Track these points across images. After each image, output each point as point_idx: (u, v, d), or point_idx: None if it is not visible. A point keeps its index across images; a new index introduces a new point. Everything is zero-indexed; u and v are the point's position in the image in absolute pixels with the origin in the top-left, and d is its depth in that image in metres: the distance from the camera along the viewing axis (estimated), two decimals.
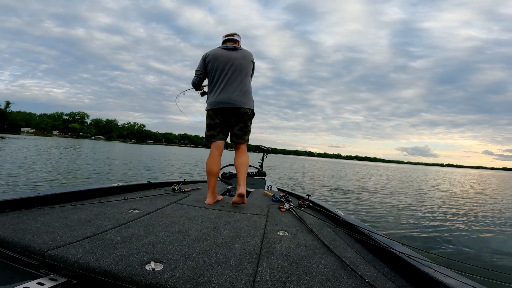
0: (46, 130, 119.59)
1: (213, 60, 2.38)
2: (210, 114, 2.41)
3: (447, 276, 1.04)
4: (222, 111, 2.36)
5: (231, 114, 2.37)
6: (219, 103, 2.34)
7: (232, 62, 2.37)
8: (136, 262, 1.08)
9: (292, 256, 1.30)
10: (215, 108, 2.36)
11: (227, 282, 1.00)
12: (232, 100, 2.33)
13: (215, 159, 2.41)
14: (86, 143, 50.30)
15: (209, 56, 2.41)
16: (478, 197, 10.75)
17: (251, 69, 2.50)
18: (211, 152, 2.43)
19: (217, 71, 2.37)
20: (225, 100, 2.33)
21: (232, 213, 2.06)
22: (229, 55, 2.39)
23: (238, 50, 2.45)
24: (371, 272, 1.21)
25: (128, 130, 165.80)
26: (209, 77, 2.44)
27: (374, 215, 5.58)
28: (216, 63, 2.37)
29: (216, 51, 2.42)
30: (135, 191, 2.53)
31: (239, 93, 2.36)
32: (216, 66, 2.37)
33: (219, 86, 2.36)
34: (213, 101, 2.37)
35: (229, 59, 2.38)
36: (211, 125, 2.42)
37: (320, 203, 2.50)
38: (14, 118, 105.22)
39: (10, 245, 1.16)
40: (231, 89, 2.35)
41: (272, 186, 3.68)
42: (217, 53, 2.40)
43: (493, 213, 6.91)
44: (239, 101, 2.35)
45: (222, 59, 2.37)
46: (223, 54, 2.39)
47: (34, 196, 1.71)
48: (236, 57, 2.40)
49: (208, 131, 2.44)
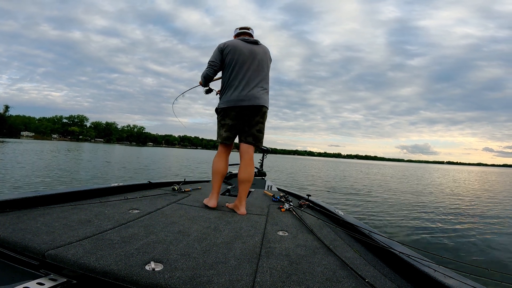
0: (46, 134, 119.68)
1: (233, 52, 2.12)
2: (231, 113, 2.13)
3: (447, 276, 1.04)
4: (243, 110, 2.11)
5: (251, 112, 2.13)
6: (242, 100, 2.09)
7: (254, 57, 2.16)
8: (136, 262, 1.08)
9: (292, 256, 1.30)
10: (237, 106, 2.10)
11: (227, 282, 1.00)
12: (256, 97, 2.12)
13: (225, 159, 2.24)
14: (85, 146, 50.14)
15: (229, 47, 2.14)
16: (479, 196, 10.73)
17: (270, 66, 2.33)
18: (220, 152, 2.24)
19: (238, 65, 2.12)
20: (249, 97, 2.10)
21: (232, 213, 2.06)
22: (251, 48, 2.17)
23: (259, 45, 2.25)
24: (371, 272, 1.20)
25: (127, 132, 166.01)
26: (227, 71, 2.16)
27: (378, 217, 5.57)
28: (237, 56, 2.12)
29: (237, 42, 2.17)
30: (135, 191, 2.53)
31: (261, 90, 2.16)
32: (238, 59, 2.12)
33: (240, 82, 2.11)
34: (234, 99, 2.10)
35: (252, 53, 2.16)
36: (230, 126, 2.15)
37: (320, 203, 2.50)
38: (14, 122, 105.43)
39: (10, 245, 1.16)
40: (254, 85, 2.13)
41: (272, 186, 3.68)
42: (238, 45, 2.15)
43: (493, 213, 6.90)
44: (262, 99, 2.15)
45: (244, 52, 2.13)
46: (245, 47, 2.16)
47: (34, 196, 1.71)
48: (259, 52, 2.20)
49: (226, 132, 2.16)
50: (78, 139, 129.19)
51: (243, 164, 2.18)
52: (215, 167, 2.23)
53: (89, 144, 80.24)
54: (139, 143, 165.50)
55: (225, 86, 2.18)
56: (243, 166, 2.17)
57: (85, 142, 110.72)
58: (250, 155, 2.20)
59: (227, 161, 2.28)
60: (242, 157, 2.19)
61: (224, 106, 2.14)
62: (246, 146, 2.18)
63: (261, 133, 2.20)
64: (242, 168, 2.17)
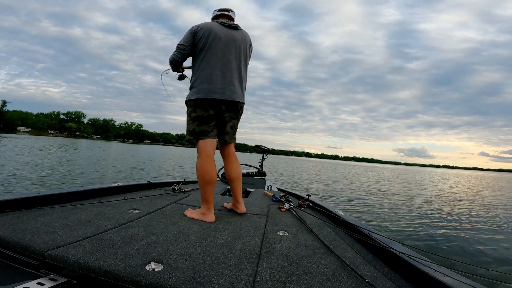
0: (43, 130, 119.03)
1: (208, 36, 1.86)
2: (203, 103, 1.86)
3: (447, 276, 1.05)
4: (217, 102, 1.87)
5: (227, 107, 1.91)
6: (216, 92, 1.85)
7: (233, 44, 1.92)
8: (136, 262, 1.07)
9: (292, 256, 1.30)
10: (210, 98, 1.85)
11: (227, 282, 1.00)
12: (232, 90, 1.89)
13: (211, 163, 1.88)
14: (81, 142, 49.47)
15: (202, 30, 1.87)
16: (478, 198, 10.81)
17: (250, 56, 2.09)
18: (203, 154, 1.87)
19: (212, 51, 1.87)
20: (224, 89, 1.87)
21: (232, 213, 2.06)
22: (230, 34, 1.93)
23: (239, 30, 2.00)
24: (371, 272, 1.21)
25: (125, 130, 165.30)
26: (199, 56, 1.90)
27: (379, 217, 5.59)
28: (210, 40, 1.86)
29: (212, 25, 1.91)
30: (135, 191, 2.52)
31: (238, 83, 1.94)
32: (211, 44, 1.86)
33: (214, 70, 1.86)
34: (207, 88, 1.84)
35: (230, 39, 1.92)
36: (204, 118, 1.87)
37: (320, 203, 2.50)
38: (10, 117, 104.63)
39: (10, 245, 1.15)
40: (231, 77, 1.90)
41: (272, 186, 3.68)
42: (213, 28, 1.89)
43: (493, 213, 6.96)
44: (238, 93, 1.94)
45: (221, 37, 1.89)
46: (222, 32, 1.90)
47: (34, 196, 1.70)
48: (238, 38, 1.95)
49: (199, 126, 1.87)
50: (75, 135, 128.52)
51: (228, 163, 2.06)
52: (205, 176, 1.84)
53: (86, 140, 79.41)
54: (136, 140, 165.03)
55: (196, 75, 1.90)
56: (228, 164, 2.06)
57: (82, 138, 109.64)
58: (231, 152, 2.07)
59: (214, 164, 1.92)
60: (224, 157, 2.08)
61: (195, 97, 1.87)
62: (226, 146, 2.06)
63: (235, 129, 2.05)
64: (228, 168, 2.06)
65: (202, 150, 1.89)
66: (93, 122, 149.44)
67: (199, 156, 1.89)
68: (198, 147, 1.90)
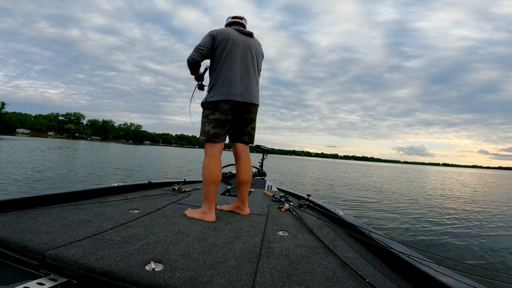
0: (42, 131, 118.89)
1: (227, 41, 1.93)
2: (224, 107, 1.89)
3: (447, 276, 1.05)
4: (237, 105, 1.92)
5: (246, 109, 1.97)
6: (236, 95, 1.89)
7: (249, 50, 2.00)
8: (136, 262, 1.07)
9: (292, 256, 1.30)
10: (232, 100, 1.88)
11: (227, 282, 1.00)
12: (250, 93, 1.96)
13: (218, 163, 1.93)
14: (80, 144, 49.15)
15: (222, 35, 1.94)
16: (478, 196, 10.82)
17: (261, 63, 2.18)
18: (212, 155, 1.92)
19: (232, 55, 1.93)
20: (243, 92, 1.92)
21: (232, 213, 2.06)
22: (246, 40, 2.01)
23: (254, 38, 2.09)
24: (371, 272, 1.21)
25: (124, 131, 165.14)
26: (218, 60, 1.94)
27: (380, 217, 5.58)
28: (230, 45, 1.93)
29: (231, 31, 1.98)
30: (135, 191, 2.52)
31: (255, 86, 2.02)
32: (231, 49, 1.93)
33: (234, 74, 1.91)
34: (227, 90, 1.88)
35: (247, 45, 2.00)
36: (220, 121, 1.90)
37: (320, 203, 2.50)
38: (9, 119, 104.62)
39: (10, 245, 1.15)
40: (248, 81, 1.97)
41: (272, 186, 3.68)
42: (232, 35, 1.96)
43: (493, 213, 6.97)
44: (255, 96, 2.01)
45: (239, 43, 1.96)
46: (239, 38, 1.98)
47: (34, 196, 1.70)
48: (253, 46, 2.04)
49: (214, 128, 1.90)
50: (74, 136, 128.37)
51: (243, 164, 2.06)
52: (211, 175, 1.88)
53: (84, 142, 79.01)
54: (136, 141, 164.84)
55: (214, 77, 1.95)
56: (243, 167, 2.06)
57: (81, 140, 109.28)
58: (248, 154, 2.10)
59: (221, 164, 1.99)
60: (240, 158, 2.06)
61: (214, 99, 1.89)
62: (243, 145, 2.07)
63: (254, 131, 2.11)
64: (242, 169, 2.05)
65: (210, 150, 1.93)
66: (92, 123, 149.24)
67: (207, 155, 1.94)
68: (206, 148, 1.95)
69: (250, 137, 2.09)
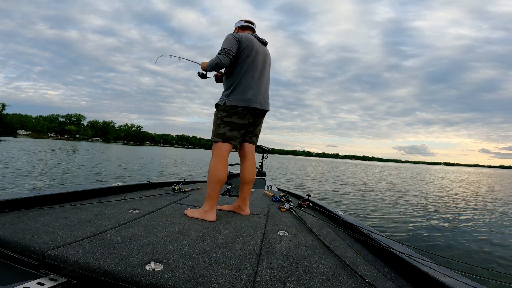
0: (42, 132, 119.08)
1: (251, 48, 1.94)
2: (243, 112, 1.92)
3: (447, 276, 1.04)
4: (255, 111, 1.97)
5: (260, 114, 2.05)
6: (256, 102, 1.95)
7: (265, 59, 2.06)
8: (136, 262, 1.07)
9: (292, 256, 1.30)
10: (251, 107, 1.93)
11: (227, 282, 1.00)
12: (266, 101, 2.04)
13: (225, 163, 1.95)
14: (81, 145, 49.17)
15: (246, 41, 1.94)
16: (479, 196, 10.78)
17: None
18: (221, 156, 1.93)
19: (255, 63, 1.96)
20: (260, 100, 1.97)
21: (232, 213, 2.06)
22: (263, 50, 2.06)
23: (266, 46, 2.15)
24: (371, 272, 1.21)
25: (125, 131, 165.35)
26: (241, 66, 1.93)
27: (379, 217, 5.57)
28: (254, 53, 1.95)
29: (253, 39, 2.00)
30: (135, 191, 2.52)
31: (268, 94, 2.10)
32: (255, 57, 1.96)
33: (254, 82, 1.95)
34: (249, 98, 1.92)
35: (265, 55, 2.06)
36: (237, 125, 1.93)
37: (320, 203, 2.50)
38: (10, 121, 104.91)
39: (10, 245, 1.15)
40: (265, 90, 2.05)
41: (272, 186, 3.68)
42: (254, 43, 1.98)
43: (493, 213, 6.94)
44: (268, 103, 2.09)
45: (259, 52, 1.99)
46: (260, 47, 2.03)
47: (34, 196, 1.70)
48: (267, 55, 2.10)
49: (231, 131, 1.92)
50: (75, 138, 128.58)
51: (249, 164, 2.11)
52: (217, 175, 1.89)
53: (85, 143, 79.18)
54: (136, 142, 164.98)
55: (236, 82, 1.94)
56: (249, 166, 2.10)
57: (82, 141, 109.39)
58: (254, 155, 2.17)
59: (227, 165, 2.01)
60: (247, 158, 2.11)
61: (236, 104, 1.90)
62: (251, 146, 2.12)
63: (259, 133, 2.21)
64: (247, 169, 2.10)
65: (219, 151, 1.95)
66: (92, 124, 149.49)
67: (215, 156, 1.95)
68: (215, 148, 1.96)
69: (257, 138, 2.18)
